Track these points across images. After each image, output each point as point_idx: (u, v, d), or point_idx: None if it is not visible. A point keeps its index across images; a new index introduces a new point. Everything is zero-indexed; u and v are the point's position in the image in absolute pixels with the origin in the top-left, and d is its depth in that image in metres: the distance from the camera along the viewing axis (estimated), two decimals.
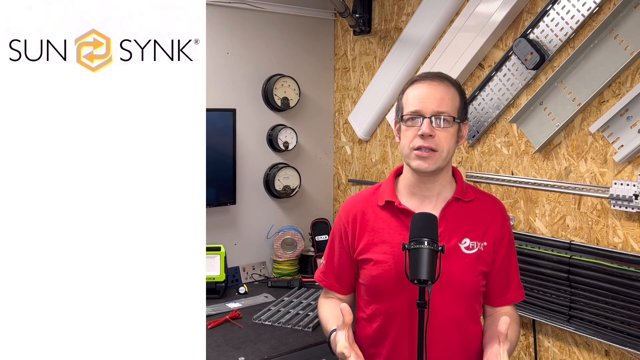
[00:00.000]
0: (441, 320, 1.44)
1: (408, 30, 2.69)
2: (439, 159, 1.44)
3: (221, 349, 2.08)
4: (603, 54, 1.95)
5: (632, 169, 1.92)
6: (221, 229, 2.83)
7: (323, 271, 1.66)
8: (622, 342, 1.91)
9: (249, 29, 2.86)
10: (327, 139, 3.23)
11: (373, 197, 1.59)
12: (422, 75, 1.51)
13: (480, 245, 1.49)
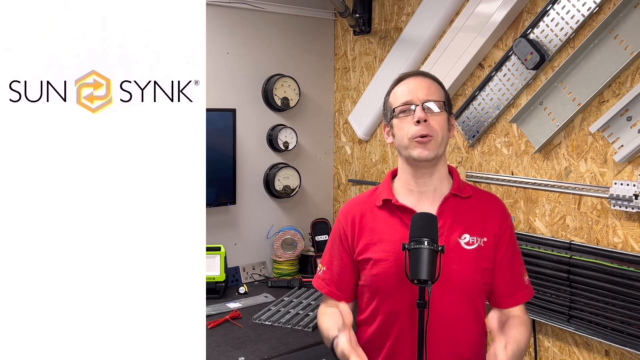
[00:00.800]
0: (442, 317, 1.43)
1: (408, 30, 2.69)
2: (436, 145, 1.47)
3: (221, 349, 2.08)
4: (603, 54, 1.95)
5: (632, 169, 1.92)
6: (221, 229, 2.83)
7: (323, 278, 1.62)
8: (622, 342, 1.91)
9: (249, 29, 2.86)
10: (327, 139, 3.23)
11: (370, 199, 1.59)
12: (405, 74, 1.58)
13: (480, 240, 1.49)
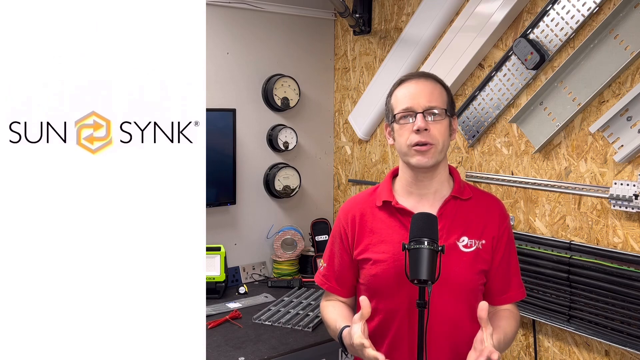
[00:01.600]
0: (440, 318, 1.44)
1: (408, 30, 2.69)
2: (435, 153, 1.46)
3: (221, 349, 2.08)
4: (603, 54, 1.95)
5: (632, 169, 1.92)
6: (221, 229, 2.83)
7: (324, 274, 1.65)
8: (622, 342, 1.91)
9: (249, 29, 2.86)
10: (327, 139, 3.23)
11: (371, 198, 1.60)
12: (408, 75, 1.55)
13: (478, 243, 1.50)
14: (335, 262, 1.62)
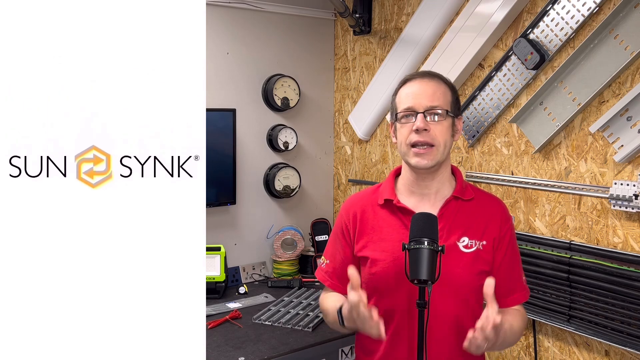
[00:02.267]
0: (439, 318, 1.44)
1: (408, 30, 2.69)
2: (436, 154, 1.45)
3: (221, 349, 2.08)
4: (603, 54, 1.95)
5: (632, 169, 1.92)
6: (221, 229, 2.83)
7: (326, 271, 1.64)
8: (622, 342, 1.91)
9: (249, 29, 2.86)
10: (327, 139, 3.23)
11: (373, 196, 1.59)
12: (413, 74, 1.54)
13: (479, 244, 1.49)
14: (337, 258, 1.61)
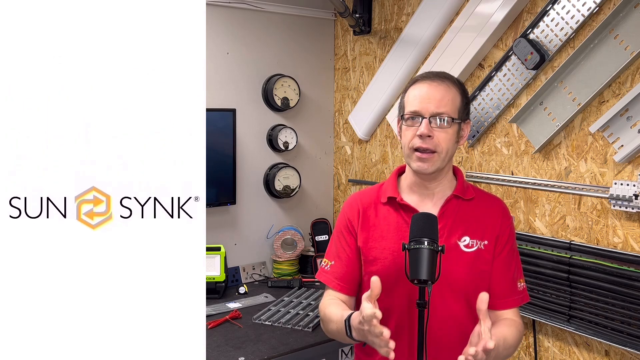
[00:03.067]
0: (439, 318, 1.43)
1: (408, 30, 2.69)
2: (438, 160, 1.45)
3: (221, 349, 2.08)
4: (603, 54, 1.95)
5: (632, 169, 1.92)
6: (221, 229, 2.83)
7: (331, 272, 1.59)
8: (622, 342, 1.91)
9: (249, 29, 2.86)
10: (327, 139, 3.23)
11: (376, 194, 1.60)
12: (424, 75, 1.52)
13: (480, 243, 1.49)
14: (342, 257, 1.58)
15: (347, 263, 1.58)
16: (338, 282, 1.58)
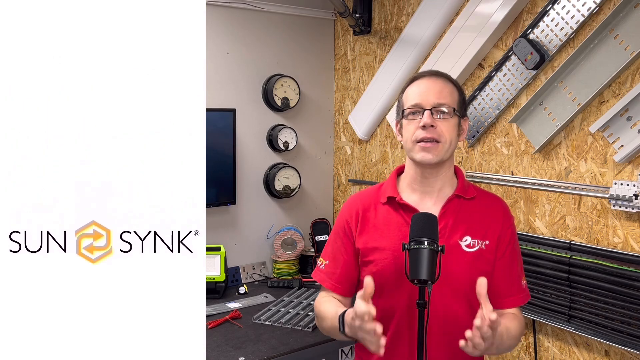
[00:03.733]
0: (440, 317, 1.43)
1: (408, 30, 2.69)
2: (442, 150, 1.46)
3: (221, 349, 2.08)
4: (603, 54, 1.95)
5: (632, 169, 1.92)
6: (221, 229, 2.83)
7: (326, 272, 1.61)
8: (622, 342, 1.91)
9: (249, 29, 2.86)
10: (327, 139, 3.23)
11: (375, 194, 1.59)
12: (421, 73, 1.55)
13: (481, 243, 1.49)
14: (338, 259, 1.59)
15: (342, 264, 1.59)
16: (332, 282, 1.60)
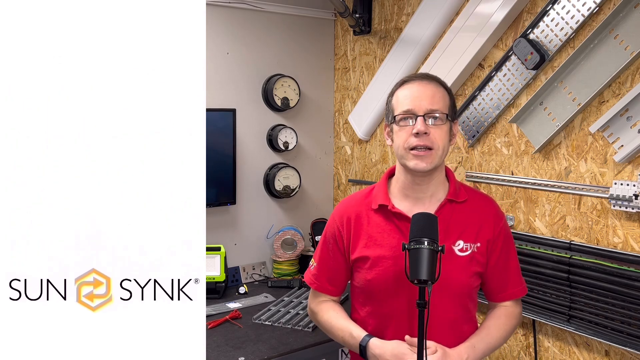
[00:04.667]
0: (437, 321, 1.44)
1: (408, 30, 2.69)
2: (435, 157, 1.44)
3: (221, 349, 2.08)
4: (603, 54, 1.95)
5: (632, 169, 1.92)
6: (221, 229, 2.83)
7: (315, 274, 1.63)
8: (622, 342, 1.91)
9: (249, 29, 2.86)
10: (327, 139, 3.23)
11: (366, 200, 1.58)
12: (411, 76, 1.53)
13: (473, 246, 1.50)
14: (329, 262, 1.61)
15: (334, 269, 1.61)
16: (321, 284, 1.63)
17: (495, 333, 1.52)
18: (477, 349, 1.46)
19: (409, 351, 1.38)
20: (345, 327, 1.54)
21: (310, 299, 1.69)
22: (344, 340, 1.53)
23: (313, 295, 1.67)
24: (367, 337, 1.47)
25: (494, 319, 1.56)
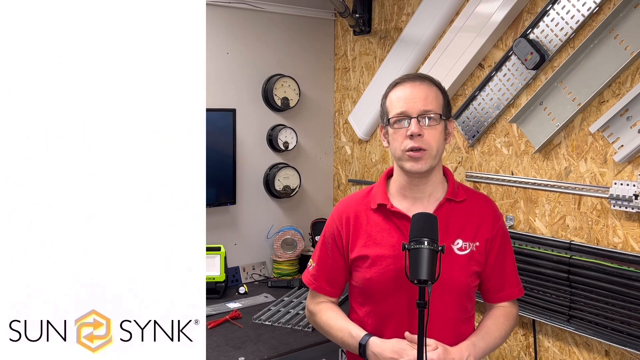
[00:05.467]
0: (437, 320, 1.44)
1: (408, 30, 2.69)
2: (430, 158, 1.45)
3: (221, 349, 2.08)
4: (603, 54, 1.95)
5: (632, 169, 1.92)
6: (221, 229, 2.83)
7: (314, 274, 1.63)
8: (622, 342, 1.91)
9: (249, 29, 2.86)
10: (327, 139, 3.23)
11: (365, 200, 1.58)
12: (404, 77, 1.53)
13: (472, 245, 1.50)
14: (328, 263, 1.61)
15: (330, 269, 1.61)
16: (319, 285, 1.62)
17: (495, 332, 1.53)
18: (477, 347, 1.46)
19: (408, 347, 1.38)
20: (345, 327, 1.53)
21: (308, 300, 1.68)
22: (343, 341, 1.53)
23: (311, 296, 1.67)
24: (367, 336, 1.47)
25: (493, 318, 1.56)
